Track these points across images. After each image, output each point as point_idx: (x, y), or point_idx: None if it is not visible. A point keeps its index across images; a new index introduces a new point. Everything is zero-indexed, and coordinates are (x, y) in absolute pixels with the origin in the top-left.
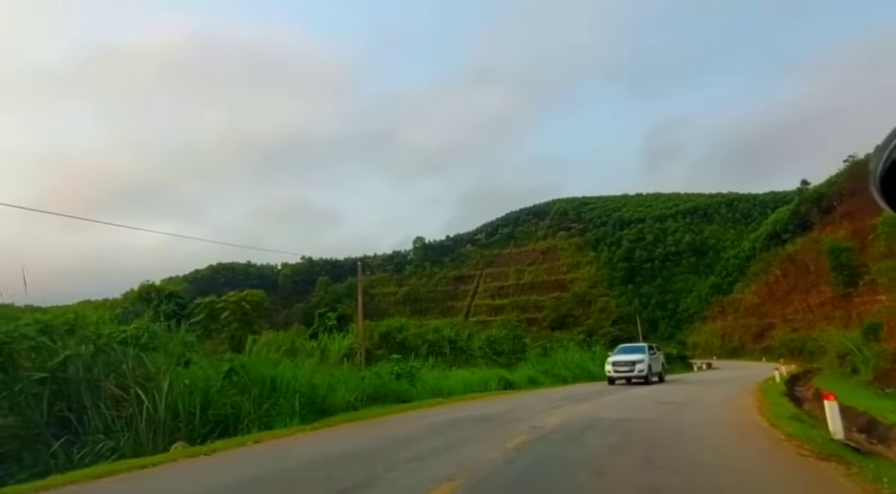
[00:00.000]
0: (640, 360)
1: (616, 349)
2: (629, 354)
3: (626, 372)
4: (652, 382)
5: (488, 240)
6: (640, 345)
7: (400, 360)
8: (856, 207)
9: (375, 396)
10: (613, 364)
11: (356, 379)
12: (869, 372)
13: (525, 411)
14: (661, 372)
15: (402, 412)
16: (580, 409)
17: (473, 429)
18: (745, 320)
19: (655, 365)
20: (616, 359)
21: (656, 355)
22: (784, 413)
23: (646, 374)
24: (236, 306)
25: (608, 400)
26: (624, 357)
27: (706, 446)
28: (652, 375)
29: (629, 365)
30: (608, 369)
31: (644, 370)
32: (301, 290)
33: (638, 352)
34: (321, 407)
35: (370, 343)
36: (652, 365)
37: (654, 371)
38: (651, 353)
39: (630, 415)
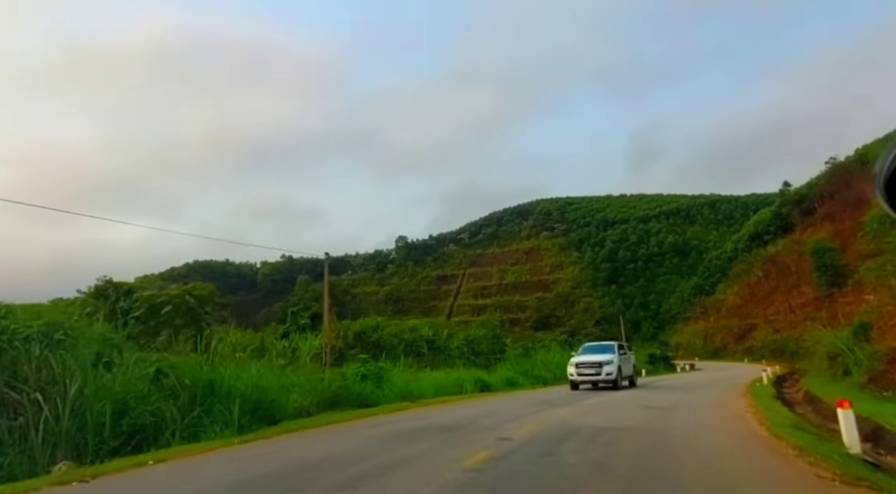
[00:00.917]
0: (609, 361)
1: (581, 348)
2: (596, 354)
3: (591, 376)
4: (622, 387)
5: (472, 240)
6: (609, 344)
7: (367, 360)
8: (836, 209)
9: (336, 400)
10: (577, 365)
11: (313, 382)
12: (862, 374)
13: (496, 417)
14: (633, 376)
15: (359, 418)
16: (558, 415)
17: (429, 442)
18: (727, 321)
19: (626, 367)
20: (580, 360)
21: (627, 356)
22: (783, 420)
23: (614, 378)
24: (179, 300)
25: (589, 405)
26: (589, 357)
27: (705, 464)
28: (622, 379)
29: (595, 366)
30: (570, 371)
31: (613, 372)
32: (281, 289)
33: (606, 352)
34: (269, 413)
35: (343, 342)
36: (622, 367)
37: (625, 374)
38: (621, 353)
39: (613, 423)
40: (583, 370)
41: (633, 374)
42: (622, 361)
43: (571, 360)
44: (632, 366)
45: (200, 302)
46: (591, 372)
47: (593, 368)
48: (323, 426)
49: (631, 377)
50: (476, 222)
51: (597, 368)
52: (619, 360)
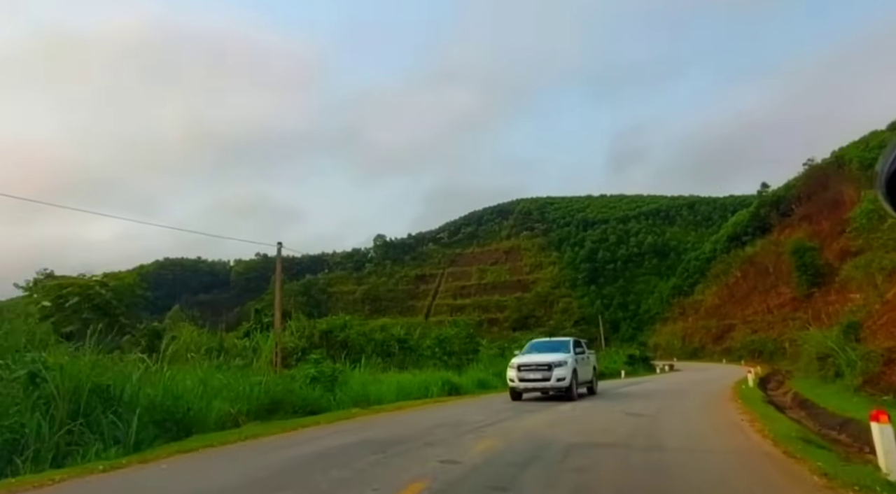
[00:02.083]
0: (561, 363)
1: (527, 345)
2: (544, 353)
3: (537, 381)
4: (577, 396)
5: (451, 239)
6: (563, 340)
7: (319, 361)
8: (813, 210)
9: (275, 407)
10: (519, 368)
11: (248, 386)
12: (857, 375)
13: (452, 428)
14: (593, 381)
15: (292, 430)
16: (525, 426)
17: (351, 469)
18: (705, 321)
19: (584, 371)
20: (524, 361)
21: (585, 356)
22: (786, 430)
23: (568, 384)
24: (92, 291)
25: (563, 412)
26: (536, 357)
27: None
28: (578, 385)
29: (543, 369)
30: (511, 376)
31: (566, 377)
32: (254, 288)
33: (558, 351)
34: (183, 423)
35: (308, 342)
36: (579, 369)
37: (582, 379)
38: (578, 353)
39: (590, 436)
40: (527, 373)
41: (593, 379)
42: (579, 363)
43: (512, 361)
44: (591, 369)
45: (119, 294)
46: (538, 376)
47: (540, 371)
48: (241, 441)
49: (590, 382)
50: (456, 221)
51: (545, 371)
52: (575, 362)
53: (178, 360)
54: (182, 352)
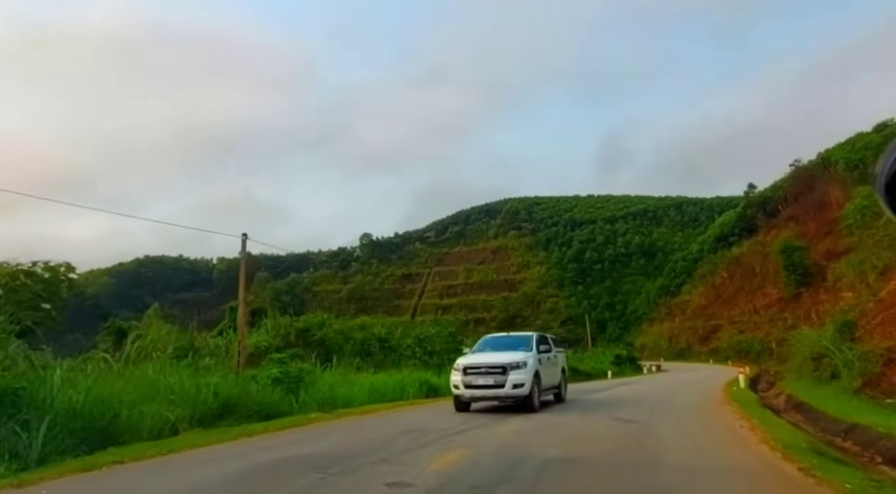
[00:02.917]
0: (519, 364)
1: (479, 341)
2: (500, 352)
3: (488, 388)
4: (539, 406)
5: (438, 239)
6: (523, 336)
7: (284, 361)
8: (800, 211)
9: (227, 411)
10: (466, 370)
11: (193, 388)
12: (855, 377)
13: (415, 437)
14: (561, 386)
15: (236, 439)
16: (498, 434)
17: None
18: (692, 322)
19: (549, 374)
20: (471, 362)
21: (552, 355)
22: (794, 440)
23: (527, 392)
24: (17, 283)
25: (543, 419)
26: (488, 357)
27: None
28: (541, 392)
29: (496, 372)
30: (454, 381)
31: (525, 383)
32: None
33: (517, 348)
34: (109, 432)
35: (284, 340)
36: (543, 372)
37: (547, 384)
38: (542, 351)
39: (573, 448)
40: (475, 378)
41: (561, 384)
42: (543, 364)
43: (458, 362)
44: (559, 371)
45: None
46: (489, 381)
47: (492, 375)
48: (165, 454)
49: (556, 388)
50: (443, 220)
51: (498, 375)
52: (538, 362)
53: (145, 360)
54: (149, 351)
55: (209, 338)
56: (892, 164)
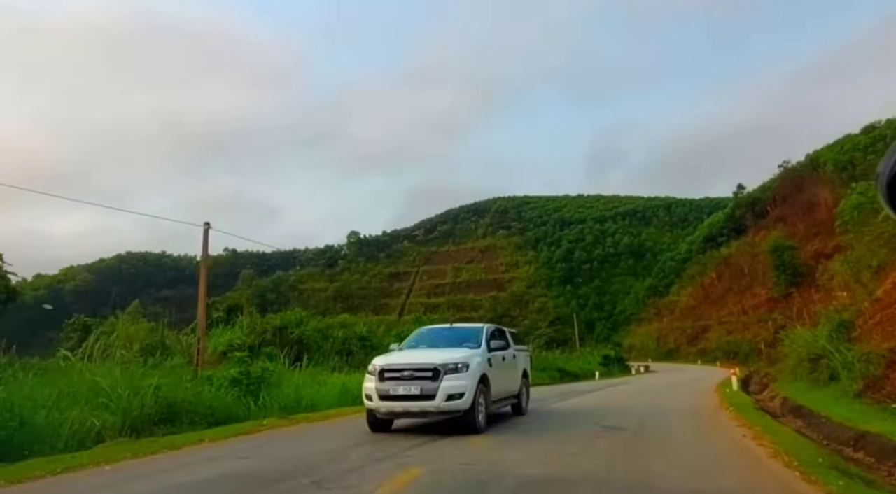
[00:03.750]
0: (457, 366)
1: (413, 334)
2: (433, 350)
3: (411, 399)
4: (483, 426)
5: (426, 237)
6: (471, 328)
7: (244, 360)
8: (788, 211)
9: (171, 416)
10: (383, 374)
11: (129, 391)
12: (856, 379)
13: (369, 449)
14: (521, 394)
15: (161, 451)
16: (466, 446)
17: None
18: (680, 322)
19: (504, 379)
20: (391, 363)
21: (510, 355)
22: (808, 453)
23: (468, 404)
24: None
25: (521, 425)
26: (414, 357)
27: None
28: (493, 402)
29: (423, 377)
30: (367, 389)
31: (463, 392)
32: (222, 284)
33: (462, 343)
34: (12, 444)
35: (260, 338)
36: (493, 377)
37: (501, 392)
38: (495, 349)
39: (552, 464)
40: (395, 385)
41: (521, 391)
42: (495, 365)
43: (374, 363)
44: (519, 375)
45: None
46: (414, 390)
47: (419, 381)
48: (69, 471)
49: (515, 396)
50: (432, 219)
51: (427, 381)
52: (488, 363)
53: (108, 359)
54: (114, 349)
55: (182, 336)
56: (894, 165)
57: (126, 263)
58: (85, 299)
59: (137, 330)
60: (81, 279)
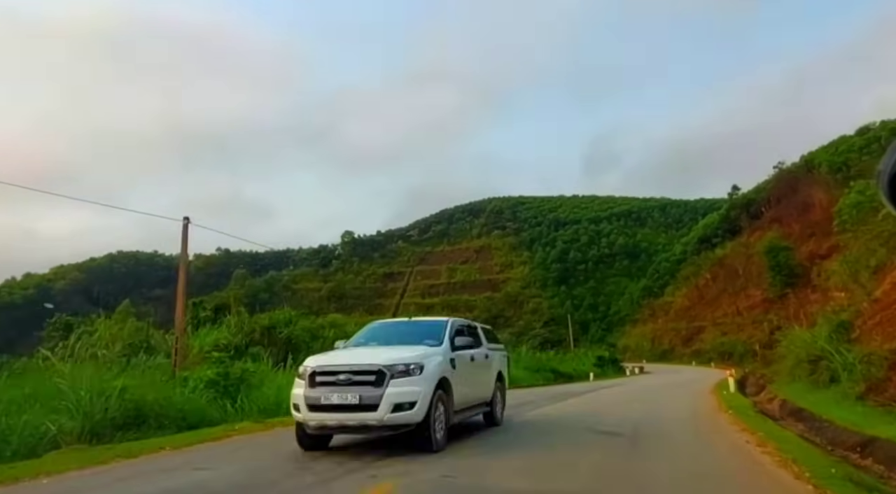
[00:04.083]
0: (407, 368)
1: (363, 329)
2: (382, 349)
3: (347, 410)
4: (440, 444)
5: (421, 237)
6: (433, 321)
7: (222, 361)
8: (783, 213)
9: (140, 420)
10: (314, 378)
11: (91, 393)
12: (857, 381)
13: (337, 462)
14: (494, 401)
15: (115, 460)
16: (445, 455)
17: None
18: (675, 323)
19: (471, 384)
20: (326, 364)
21: (481, 355)
22: (820, 463)
23: (420, 417)
24: None
25: (503, 436)
26: (354, 357)
27: None
28: (457, 412)
29: (364, 382)
30: (296, 397)
31: (415, 401)
32: (215, 284)
33: (422, 340)
34: None
35: (248, 338)
36: (456, 382)
37: (466, 400)
38: (460, 347)
39: (543, 480)
40: (329, 392)
41: (495, 397)
42: (462, 368)
43: (306, 363)
44: (491, 379)
45: None
46: (351, 398)
47: (358, 388)
48: (2, 485)
49: (486, 404)
50: (426, 219)
51: (368, 387)
52: (450, 365)
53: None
54: (96, 349)
55: (168, 336)
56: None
57: (117, 262)
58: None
59: (121, 329)
60: (72, 278)
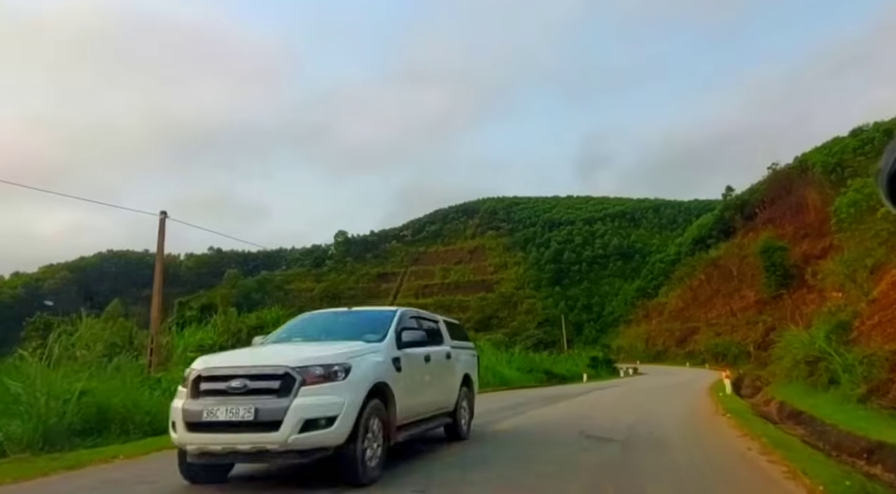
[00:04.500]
0: (329, 370)
1: (289, 323)
2: (304, 346)
3: (239, 428)
4: (370, 474)
5: (415, 238)
6: (376, 312)
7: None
8: (777, 214)
9: (103, 425)
10: (199, 385)
11: (45, 396)
12: (858, 383)
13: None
14: (457, 409)
15: (56, 472)
16: (418, 461)
17: None
18: (669, 324)
19: (426, 390)
20: (215, 366)
21: (440, 354)
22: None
23: (342, 438)
24: None
25: (479, 447)
26: (258, 357)
27: None
28: (395, 429)
29: (261, 388)
30: (174, 408)
31: (334, 416)
32: (206, 283)
33: (360, 335)
34: None
35: (235, 338)
36: (404, 388)
37: (417, 409)
38: (409, 344)
39: None
40: (216, 404)
41: (459, 405)
42: (410, 370)
43: (194, 366)
44: (456, 385)
45: None
46: (241, 414)
47: (253, 396)
48: None
49: (449, 416)
50: (420, 219)
51: (267, 397)
52: (392, 366)
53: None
54: (76, 349)
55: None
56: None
57: (107, 261)
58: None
59: (104, 329)
60: (60, 277)
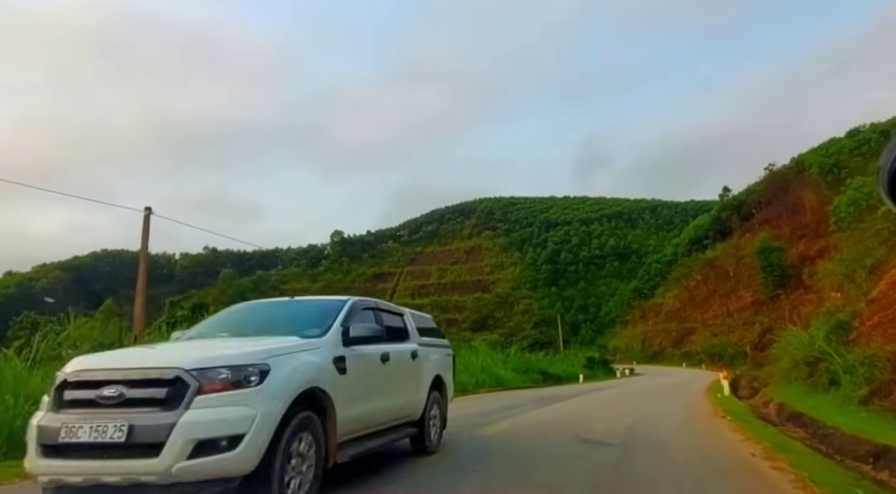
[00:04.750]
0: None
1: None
2: (216, 342)
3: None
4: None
5: (411, 237)
6: (322, 303)
7: None
8: (773, 214)
9: None
10: (62, 394)
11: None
12: (859, 384)
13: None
14: (424, 418)
15: None
16: (405, 467)
17: None
18: (665, 325)
19: (379, 394)
20: (87, 368)
21: (404, 353)
22: (840, 481)
23: (251, 464)
24: None
25: (466, 453)
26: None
27: None
28: (334, 447)
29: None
30: (33, 429)
31: (244, 433)
32: (201, 283)
33: (301, 330)
34: None
35: None
36: (345, 394)
37: (368, 419)
38: (358, 339)
39: None
40: (78, 417)
41: (428, 414)
42: (367, 370)
43: (66, 367)
44: (424, 387)
45: None
46: (111, 433)
47: (128, 409)
48: None
49: (415, 426)
50: (416, 219)
51: (151, 411)
52: (334, 367)
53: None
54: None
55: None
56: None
57: (101, 260)
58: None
59: (92, 328)
60: (54, 277)
